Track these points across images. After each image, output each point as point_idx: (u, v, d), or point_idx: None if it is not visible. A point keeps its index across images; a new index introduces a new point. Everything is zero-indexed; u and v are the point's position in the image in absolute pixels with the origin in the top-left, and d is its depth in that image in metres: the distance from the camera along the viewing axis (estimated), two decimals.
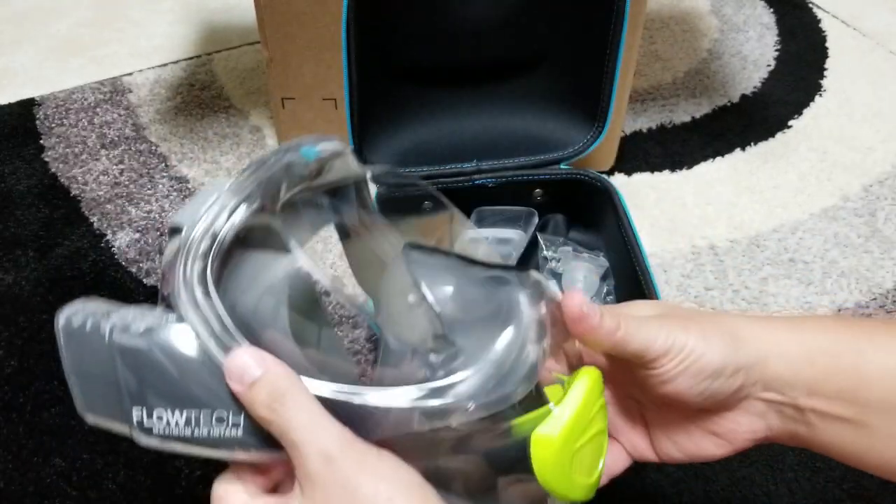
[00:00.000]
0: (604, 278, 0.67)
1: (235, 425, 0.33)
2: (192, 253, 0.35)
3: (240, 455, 0.34)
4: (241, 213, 0.36)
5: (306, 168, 0.39)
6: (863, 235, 0.77)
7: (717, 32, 1.09)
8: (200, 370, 0.34)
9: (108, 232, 0.77)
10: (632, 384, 0.40)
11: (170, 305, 0.34)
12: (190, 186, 0.82)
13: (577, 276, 0.66)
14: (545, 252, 0.68)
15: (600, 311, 0.36)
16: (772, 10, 1.14)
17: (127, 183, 0.82)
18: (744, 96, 0.97)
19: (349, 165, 0.43)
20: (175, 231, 0.36)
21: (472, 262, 0.38)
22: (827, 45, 1.07)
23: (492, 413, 0.33)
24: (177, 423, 0.34)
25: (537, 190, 0.71)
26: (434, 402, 0.32)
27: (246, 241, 0.36)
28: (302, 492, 0.31)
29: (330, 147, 0.40)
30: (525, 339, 0.34)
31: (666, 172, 0.85)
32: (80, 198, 0.81)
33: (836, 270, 0.73)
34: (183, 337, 0.34)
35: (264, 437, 0.33)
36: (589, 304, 0.36)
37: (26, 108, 0.93)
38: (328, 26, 0.71)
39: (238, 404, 0.33)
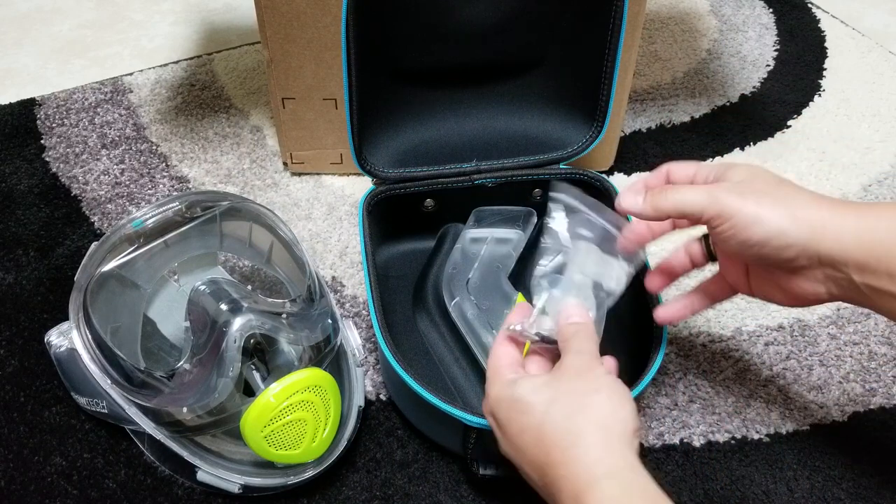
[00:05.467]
0: None
1: (102, 405, 0.55)
2: (76, 289, 0.55)
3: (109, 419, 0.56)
4: (107, 264, 0.56)
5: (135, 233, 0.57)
6: None
7: (717, 32, 1.09)
8: (83, 371, 0.54)
9: (109, 231, 0.77)
10: None
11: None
12: (190, 186, 0.82)
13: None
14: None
15: (642, 198, 0.46)
16: (771, 10, 1.14)
17: (128, 183, 0.82)
18: (743, 96, 0.97)
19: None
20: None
21: None
22: (826, 45, 1.07)
23: None
24: (87, 403, 0.57)
25: (536, 190, 0.71)
26: None
27: (112, 281, 0.57)
28: (555, 373, 0.44)
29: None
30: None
31: None
32: (80, 197, 0.81)
33: None
34: (70, 351, 0.55)
35: (117, 413, 0.54)
36: (633, 195, 0.47)
37: (27, 108, 0.93)
38: (328, 26, 0.71)
39: (102, 392, 0.54)
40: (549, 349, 0.48)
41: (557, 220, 0.52)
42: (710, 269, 0.53)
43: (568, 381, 0.42)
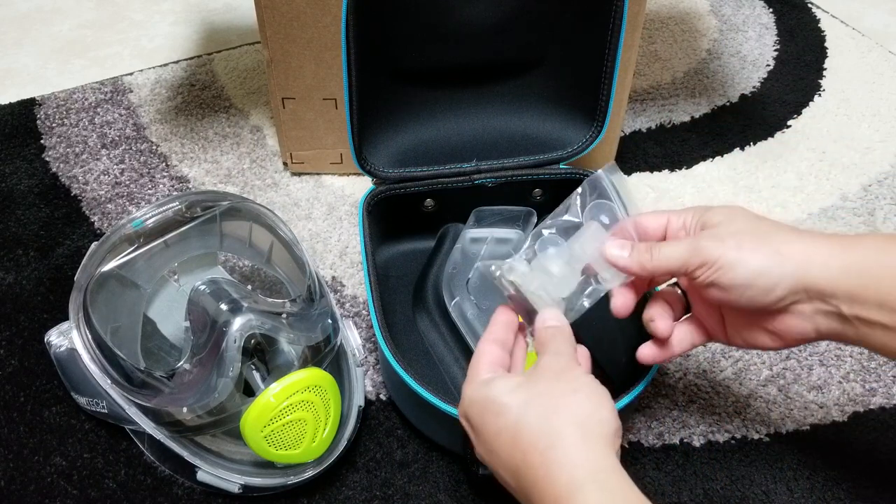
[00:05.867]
0: None
1: (102, 405, 0.55)
2: (76, 289, 0.55)
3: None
4: (107, 264, 0.55)
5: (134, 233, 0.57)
6: None
7: (717, 32, 1.09)
8: (82, 371, 0.54)
9: (109, 231, 0.77)
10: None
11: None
12: (190, 186, 0.82)
13: None
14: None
15: (629, 252, 0.46)
16: (771, 10, 1.14)
17: (128, 182, 0.82)
18: (743, 96, 0.97)
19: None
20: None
21: None
22: (826, 45, 1.07)
23: None
24: (87, 403, 0.57)
25: (536, 190, 0.71)
26: None
27: (112, 281, 0.57)
28: (532, 374, 0.43)
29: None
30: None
31: (665, 172, 0.85)
32: (80, 197, 0.81)
33: None
34: (70, 351, 0.55)
35: (117, 413, 0.54)
36: (619, 247, 0.46)
37: (27, 108, 0.93)
38: (328, 26, 0.71)
39: (102, 392, 0.54)
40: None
41: (581, 196, 0.51)
42: None
43: (545, 382, 0.41)
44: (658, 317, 0.49)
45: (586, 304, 0.48)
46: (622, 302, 0.48)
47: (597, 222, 0.50)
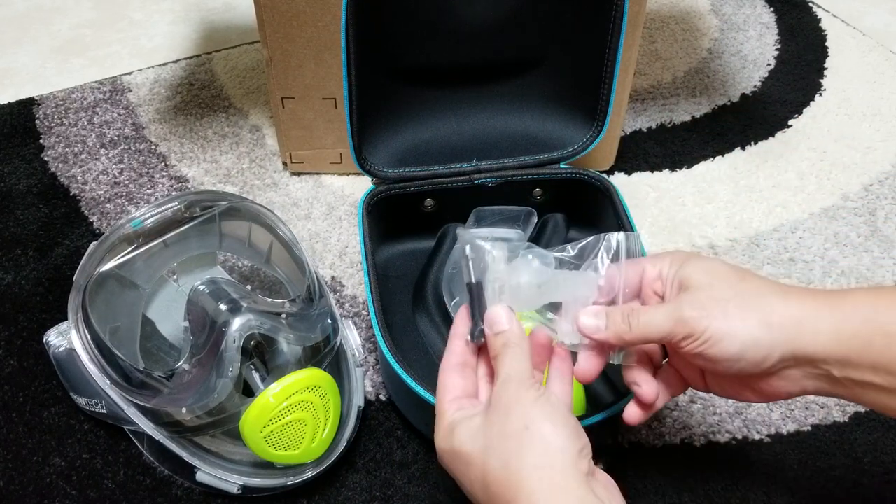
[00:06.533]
0: None
1: (101, 406, 0.55)
2: (75, 290, 0.55)
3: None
4: (106, 264, 0.55)
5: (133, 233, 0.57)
6: (863, 235, 0.77)
7: (717, 32, 1.09)
8: (81, 371, 0.54)
9: (108, 231, 0.77)
10: None
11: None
12: (189, 186, 0.82)
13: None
14: None
15: (604, 322, 0.43)
16: (772, 9, 1.14)
17: (127, 182, 0.82)
18: (744, 95, 0.97)
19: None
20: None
21: None
22: (827, 44, 1.07)
23: None
24: (86, 403, 0.57)
25: (537, 189, 0.71)
26: None
27: (111, 281, 0.57)
28: (488, 405, 0.41)
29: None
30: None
31: (666, 171, 0.85)
32: (79, 197, 0.81)
33: (836, 270, 0.74)
34: (69, 351, 0.55)
35: (116, 414, 0.54)
36: (593, 316, 0.44)
37: (26, 108, 0.93)
38: (328, 26, 0.71)
39: (101, 392, 0.53)
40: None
41: (602, 253, 0.48)
42: None
43: (498, 423, 0.39)
44: (643, 381, 0.46)
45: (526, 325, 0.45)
46: (587, 368, 0.46)
47: (594, 273, 0.47)
